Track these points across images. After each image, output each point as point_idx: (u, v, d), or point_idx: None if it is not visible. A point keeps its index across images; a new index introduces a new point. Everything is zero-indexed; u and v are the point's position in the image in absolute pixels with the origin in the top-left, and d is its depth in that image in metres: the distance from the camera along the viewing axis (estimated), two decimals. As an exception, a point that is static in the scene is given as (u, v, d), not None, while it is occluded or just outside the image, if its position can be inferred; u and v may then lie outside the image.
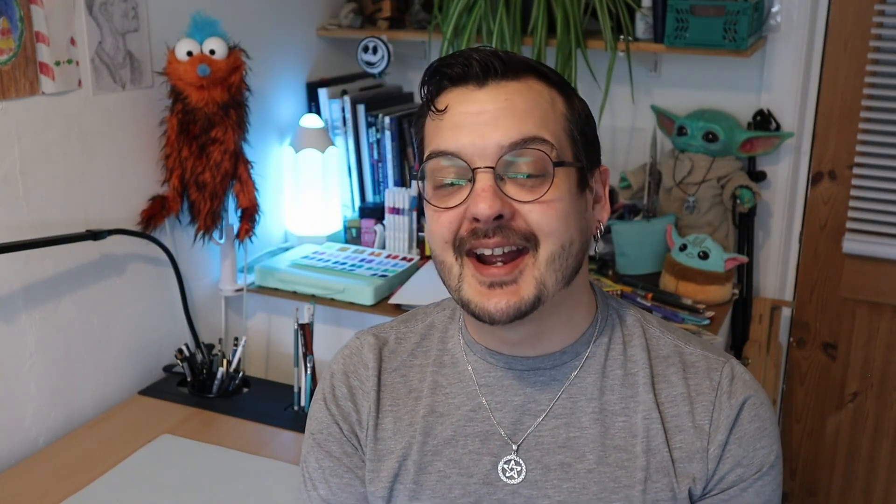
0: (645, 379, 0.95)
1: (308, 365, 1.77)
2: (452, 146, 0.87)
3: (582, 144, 0.92)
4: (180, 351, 1.85)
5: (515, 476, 0.94)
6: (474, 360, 0.98)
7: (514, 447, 0.94)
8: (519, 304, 0.86)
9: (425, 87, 0.91)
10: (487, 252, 0.87)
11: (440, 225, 0.89)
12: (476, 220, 0.86)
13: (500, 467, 0.94)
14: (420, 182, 0.93)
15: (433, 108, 0.90)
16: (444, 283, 0.92)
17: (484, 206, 0.85)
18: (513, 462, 0.94)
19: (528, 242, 0.87)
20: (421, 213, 2.28)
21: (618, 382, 0.96)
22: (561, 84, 0.93)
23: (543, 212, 0.87)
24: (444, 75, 0.90)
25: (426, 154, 0.90)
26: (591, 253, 2.18)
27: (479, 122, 0.87)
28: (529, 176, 0.87)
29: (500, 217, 0.86)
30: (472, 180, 0.86)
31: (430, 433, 0.97)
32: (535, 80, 0.90)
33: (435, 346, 1.02)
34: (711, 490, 0.93)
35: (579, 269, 0.93)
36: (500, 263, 0.87)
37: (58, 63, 1.60)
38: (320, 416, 1.03)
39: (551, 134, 0.88)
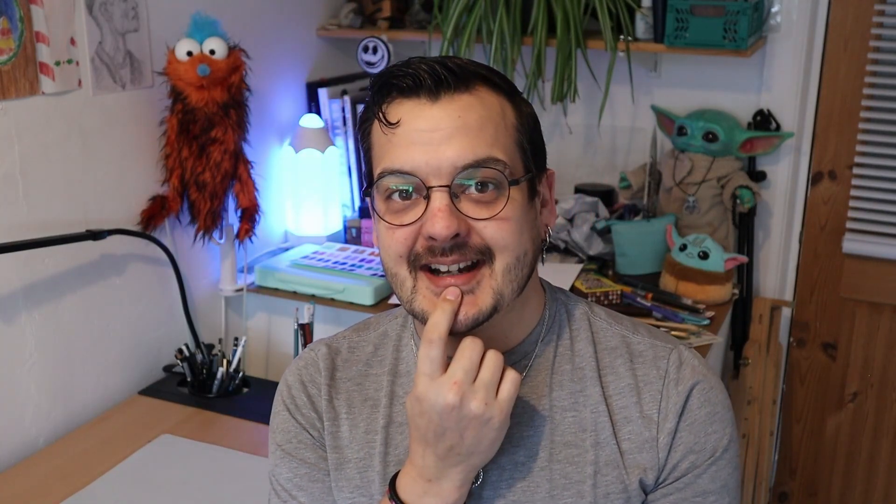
0: (592, 373, 0.96)
1: (308, 365, 1.77)
2: (407, 165, 0.86)
3: (531, 153, 0.92)
4: (180, 351, 1.85)
5: (475, 480, 0.93)
6: None
7: None
8: (477, 314, 0.87)
9: (375, 99, 0.90)
10: (444, 268, 0.87)
11: (395, 241, 0.88)
12: (433, 238, 0.86)
13: None
14: (370, 197, 0.92)
15: (385, 121, 0.88)
16: (395, 294, 0.92)
17: (441, 227, 0.84)
18: None
19: (484, 256, 0.87)
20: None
21: (566, 378, 0.96)
22: (509, 91, 0.92)
23: (498, 228, 0.87)
24: (395, 87, 0.88)
25: (378, 171, 0.89)
26: (592, 253, 2.20)
27: (433, 139, 0.86)
28: (484, 192, 0.87)
29: (456, 235, 0.86)
30: (427, 198, 0.86)
31: (390, 443, 0.97)
32: (485, 90, 0.89)
33: (390, 356, 1.01)
34: (665, 479, 0.93)
35: (531, 275, 0.93)
36: (456, 273, 0.88)
37: (58, 63, 1.60)
38: (287, 427, 1.02)
39: (503, 150, 0.88)
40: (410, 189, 0.87)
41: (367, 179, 0.94)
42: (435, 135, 0.86)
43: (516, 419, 0.94)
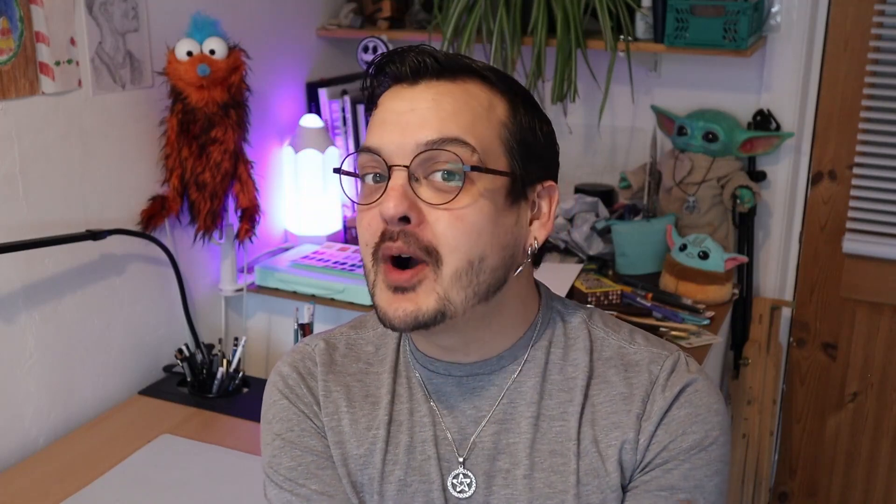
0: (583, 382, 0.93)
1: (308, 365, 1.77)
2: (375, 143, 0.86)
3: (520, 155, 0.89)
4: (180, 351, 1.85)
5: (466, 489, 0.92)
6: (419, 368, 0.98)
7: (461, 460, 0.93)
8: (416, 314, 0.84)
9: (366, 81, 0.92)
10: (395, 254, 0.85)
11: (362, 227, 0.88)
12: (384, 220, 0.84)
13: (449, 483, 0.93)
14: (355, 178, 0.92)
15: (368, 101, 0.91)
16: None
17: (389, 205, 0.82)
18: (461, 476, 0.93)
19: (429, 257, 0.84)
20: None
21: (556, 387, 0.94)
22: (509, 91, 0.90)
23: (451, 223, 0.84)
24: (380, 70, 0.90)
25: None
26: (592, 253, 2.20)
27: (402, 120, 0.85)
28: (445, 179, 0.84)
29: (407, 220, 0.83)
30: (388, 178, 0.85)
31: (391, 441, 0.96)
32: (474, 84, 0.88)
33: (391, 354, 1.00)
34: (634, 476, 0.91)
35: (503, 284, 0.89)
36: (402, 268, 0.86)
37: (58, 63, 1.60)
38: (287, 416, 0.99)
39: (477, 138, 0.85)
40: (379, 180, 0.87)
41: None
42: (407, 116, 0.86)
43: (504, 425, 0.93)
